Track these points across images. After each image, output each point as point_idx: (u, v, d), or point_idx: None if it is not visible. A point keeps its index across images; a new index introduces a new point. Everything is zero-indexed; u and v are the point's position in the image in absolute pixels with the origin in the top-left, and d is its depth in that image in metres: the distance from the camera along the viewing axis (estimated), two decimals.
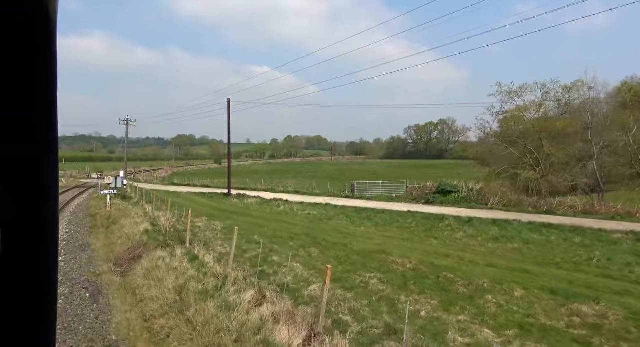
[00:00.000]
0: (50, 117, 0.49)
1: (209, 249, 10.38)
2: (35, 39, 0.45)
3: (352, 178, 40.61)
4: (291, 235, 12.91)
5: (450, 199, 19.60)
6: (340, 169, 60.69)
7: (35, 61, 0.46)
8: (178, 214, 15.75)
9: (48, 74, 0.48)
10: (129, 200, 21.83)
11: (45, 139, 0.49)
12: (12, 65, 0.44)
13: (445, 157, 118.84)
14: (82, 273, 9.26)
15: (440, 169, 61.56)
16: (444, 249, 11.15)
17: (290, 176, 45.01)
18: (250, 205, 19.98)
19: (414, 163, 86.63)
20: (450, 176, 42.92)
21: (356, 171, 52.65)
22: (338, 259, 9.99)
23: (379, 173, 47.62)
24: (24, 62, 0.45)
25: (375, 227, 14.44)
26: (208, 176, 41.87)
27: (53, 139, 0.50)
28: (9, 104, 0.45)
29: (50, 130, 0.49)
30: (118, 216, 16.48)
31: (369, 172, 50.92)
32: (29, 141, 0.47)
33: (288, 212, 17.69)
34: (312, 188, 24.90)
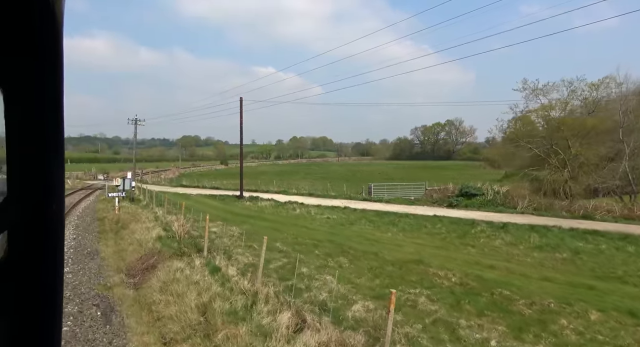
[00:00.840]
0: (56, 118, 0.49)
1: (230, 258, 9.46)
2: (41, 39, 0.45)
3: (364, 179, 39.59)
4: (314, 242, 11.96)
5: (475, 202, 18.50)
6: (349, 170, 59.65)
7: (42, 62, 0.46)
8: (191, 218, 14.90)
9: (54, 74, 0.48)
10: (137, 202, 21.07)
11: (52, 140, 0.48)
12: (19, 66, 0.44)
13: (452, 158, 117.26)
14: (91, 286, 8.40)
15: (451, 170, 60.22)
16: (486, 259, 10.11)
17: (300, 177, 44.10)
18: (265, 208, 19.07)
19: (422, 164, 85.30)
20: (464, 178, 41.66)
21: (366, 172, 51.57)
22: (372, 271, 9.01)
23: (390, 174, 46.51)
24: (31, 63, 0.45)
25: (402, 233, 13.42)
26: (216, 177, 41.15)
27: (59, 139, 0.49)
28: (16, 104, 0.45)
29: (56, 131, 0.49)
30: (127, 220, 15.67)
31: (380, 173, 49.81)
32: (36, 142, 0.46)
33: (306, 216, 16.74)
34: (327, 190, 23.93)
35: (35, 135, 0.47)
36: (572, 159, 22.42)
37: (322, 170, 57.78)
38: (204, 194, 24.55)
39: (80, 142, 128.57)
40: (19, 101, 0.46)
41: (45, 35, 0.46)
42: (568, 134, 22.60)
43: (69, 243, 12.37)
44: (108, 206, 19.99)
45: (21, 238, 0.47)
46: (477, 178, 38.17)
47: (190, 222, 14.05)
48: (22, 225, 0.47)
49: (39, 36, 0.45)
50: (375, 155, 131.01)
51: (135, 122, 23.51)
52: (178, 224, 13.38)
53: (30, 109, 0.47)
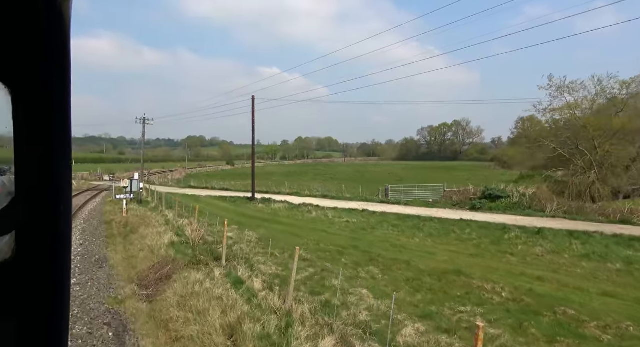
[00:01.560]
0: (63, 119, 0.48)
1: (252, 268, 8.64)
2: (49, 40, 0.45)
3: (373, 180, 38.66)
4: (338, 248, 11.10)
5: (500, 205, 17.50)
6: (357, 170, 58.70)
7: (49, 63, 0.46)
8: (204, 222, 14.14)
9: (62, 75, 0.47)
10: (145, 205, 20.38)
11: (59, 141, 0.48)
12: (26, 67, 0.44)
13: (459, 158, 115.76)
14: (101, 300, 7.62)
15: (460, 170, 58.98)
16: (531, 270, 9.16)
17: (309, 177, 43.28)
18: (279, 211, 18.25)
19: (430, 165, 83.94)
20: (477, 179, 40.48)
21: (375, 173, 50.58)
22: (409, 283, 8.12)
23: (400, 175, 45.49)
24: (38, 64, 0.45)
25: (430, 238, 12.51)
26: (223, 178, 40.52)
27: (66, 140, 0.49)
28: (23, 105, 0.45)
29: (63, 132, 0.48)
30: (136, 224, 14.94)
31: (390, 174, 48.81)
32: (43, 143, 0.46)
33: (323, 220, 15.88)
34: (342, 192, 23.05)
35: (43, 136, 0.47)
36: (600, 159, 21.29)
37: (330, 171, 56.90)
38: (213, 196, 23.80)
39: (85, 142, 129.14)
40: (27, 102, 0.46)
41: (52, 36, 0.46)
42: (595, 133, 21.48)
43: (76, 249, 11.64)
44: (115, 208, 19.32)
45: (29, 238, 0.48)
46: (490, 179, 37.06)
47: (204, 227, 13.28)
48: (30, 225, 0.48)
49: (46, 37, 0.45)
50: (381, 156, 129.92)
51: (144, 121, 22.87)
52: (191, 228, 12.61)
53: (38, 109, 0.46)
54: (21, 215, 0.47)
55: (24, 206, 0.47)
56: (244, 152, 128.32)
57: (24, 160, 0.46)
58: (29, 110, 0.46)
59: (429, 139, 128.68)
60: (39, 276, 0.49)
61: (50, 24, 0.45)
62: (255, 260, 9.64)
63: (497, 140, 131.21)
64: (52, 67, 0.47)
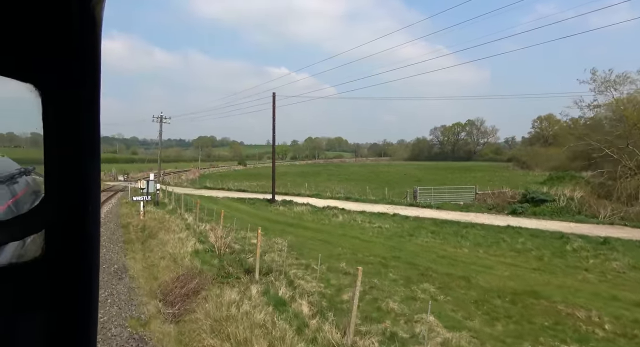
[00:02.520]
0: (93, 120, 0.48)
1: (292, 285, 7.50)
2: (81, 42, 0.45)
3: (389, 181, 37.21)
4: (379, 259, 9.87)
5: (546, 210, 15.92)
6: (371, 171, 57.21)
7: (80, 64, 0.46)
8: (227, 227, 13.14)
9: (92, 76, 0.47)
10: (162, 207, 19.59)
11: (88, 142, 0.48)
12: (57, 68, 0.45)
13: (473, 158, 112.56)
14: (123, 322, 6.61)
15: (478, 171, 56.71)
16: (622, 292, 7.71)
17: (323, 178, 42.11)
18: (302, 214, 17.13)
19: (443, 165, 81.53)
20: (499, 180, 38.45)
21: (390, 174, 49.01)
22: (479, 307, 6.84)
23: (418, 176, 43.83)
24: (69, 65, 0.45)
25: (479, 248, 11.14)
26: (237, 178, 39.77)
27: (96, 141, 0.49)
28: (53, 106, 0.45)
29: (93, 133, 0.48)
30: (155, 228, 14.06)
31: (406, 175, 47.17)
32: (73, 144, 0.47)
33: (353, 225, 14.67)
34: (366, 194, 21.78)
35: (73, 137, 0.47)
36: None
37: (344, 172, 55.59)
38: (231, 197, 22.88)
39: None
40: (57, 103, 0.46)
41: (84, 38, 0.46)
42: None
43: None
44: (132, 211, 18.58)
45: (58, 237, 0.48)
46: (513, 180, 35.07)
47: (227, 232, 12.26)
48: (59, 225, 0.48)
49: (78, 39, 0.45)
50: (393, 156, 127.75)
51: (161, 119, 22.12)
52: (215, 234, 11.61)
53: (68, 111, 0.46)
54: (50, 214, 0.48)
55: (54, 206, 0.48)
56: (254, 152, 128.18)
57: (54, 160, 0.47)
58: (59, 111, 0.46)
59: (441, 138, 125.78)
60: (68, 274, 0.49)
61: (82, 25, 0.45)
62: (292, 274, 8.50)
63: (511, 140, 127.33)
64: (83, 69, 0.47)
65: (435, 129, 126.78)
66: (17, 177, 1.24)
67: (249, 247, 11.01)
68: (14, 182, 1.19)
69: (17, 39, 0.44)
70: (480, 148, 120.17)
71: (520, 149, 77.54)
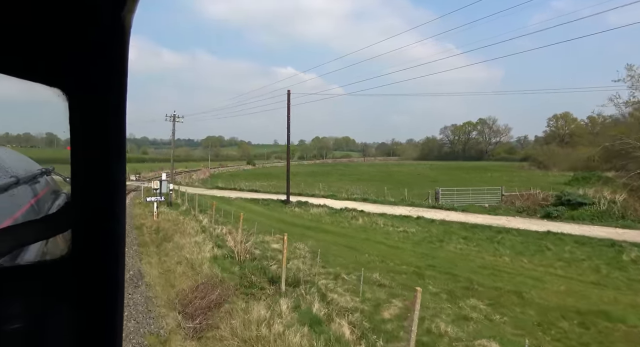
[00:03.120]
0: (119, 123, 0.49)
1: (324, 299, 6.75)
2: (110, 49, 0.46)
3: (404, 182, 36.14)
4: (414, 269, 9.04)
5: (585, 214, 14.78)
6: (381, 171, 56.12)
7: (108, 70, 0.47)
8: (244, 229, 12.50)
9: (120, 81, 0.48)
10: (176, 207, 19.12)
11: (115, 145, 0.49)
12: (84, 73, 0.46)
13: (485, 158, 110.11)
14: (141, 339, 5.97)
15: (493, 171, 55.02)
16: None
17: (334, 178, 41.29)
18: (320, 216, 16.38)
19: (455, 165, 79.78)
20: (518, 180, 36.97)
21: (403, 174, 47.85)
22: (545, 330, 5.97)
23: (431, 176, 42.62)
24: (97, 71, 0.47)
25: (522, 257, 10.19)
26: (247, 178, 39.28)
27: (122, 144, 0.50)
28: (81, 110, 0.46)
29: (119, 136, 0.49)
30: (169, 230, 13.52)
31: (420, 174, 45.99)
32: (100, 146, 0.48)
33: (375, 229, 13.85)
34: (384, 195, 20.88)
35: (99, 140, 0.48)
36: None
37: (355, 171, 54.66)
38: (244, 198, 22.28)
39: None
40: (84, 107, 0.47)
41: (113, 45, 0.47)
42: None
43: None
44: (145, 211, 18.14)
45: (84, 237, 0.50)
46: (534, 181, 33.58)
47: (246, 236, 11.60)
48: (85, 225, 0.49)
49: (107, 46, 0.46)
50: (401, 156, 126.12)
51: (174, 118, 21.68)
52: (234, 239, 10.95)
53: (95, 115, 0.47)
54: (76, 215, 0.49)
55: (79, 207, 0.49)
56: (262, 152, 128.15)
57: (80, 163, 0.48)
58: (86, 115, 0.47)
59: (452, 138, 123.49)
60: (94, 272, 0.50)
61: (112, 34, 0.46)
62: (321, 284, 7.75)
63: (523, 139, 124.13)
64: (110, 75, 0.47)
65: (445, 128, 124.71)
66: (38, 177, 1.28)
67: (270, 253, 10.33)
68: (35, 181, 1.23)
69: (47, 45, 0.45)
70: (492, 147, 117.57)
71: (536, 149, 75.07)
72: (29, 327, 0.50)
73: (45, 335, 0.51)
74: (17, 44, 0.44)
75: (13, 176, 1.03)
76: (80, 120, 0.47)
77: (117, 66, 0.48)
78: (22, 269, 0.54)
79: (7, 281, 0.50)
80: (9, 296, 0.49)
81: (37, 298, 0.50)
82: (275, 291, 7.36)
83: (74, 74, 0.46)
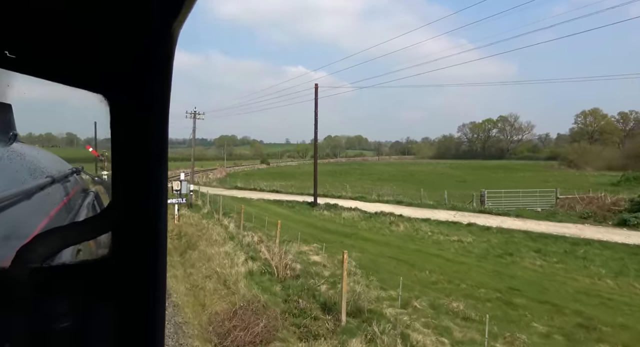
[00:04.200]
0: (162, 129, 0.50)
1: (405, 340, 5.14)
2: (156, 58, 0.47)
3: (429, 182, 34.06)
4: (495, 293, 7.35)
5: None
6: (401, 170, 53.93)
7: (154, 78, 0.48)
8: (267, 233, 11.08)
9: (163, 88, 0.49)
10: (197, 210, 17.94)
11: (157, 150, 0.50)
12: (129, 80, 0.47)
13: (506, 157, 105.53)
14: None
15: (523, 171, 51.92)
16: None
17: (354, 178, 39.61)
18: (354, 221, 14.77)
19: (477, 164, 76.41)
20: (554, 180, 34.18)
21: (427, 174, 45.57)
22: None
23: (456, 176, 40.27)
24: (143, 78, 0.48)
25: (626, 278, 8.28)
26: (264, 178, 38.09)
27: (164, 149, 0.51)
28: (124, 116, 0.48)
29: (161, 142, 0.50)
30: (193, 236, 12.23)
31: (443, 174, 43.69)
32: (142, 151, 0.49)
33: (423, 238, 12.16)
34: (420, 197, 19.02)
35: (141, 144, 0.49)
36: None
37: (373, 171, 52.72)
38: (266, 199, 20.90)
39: None
40: (126, 116, 0.48)
41: (161, 56, 0.47)
42: None
43: None
44: None
45: (126, 238, 0.50)
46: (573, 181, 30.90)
47: (279, 244, 10.15)
48: (127, 226, 0.50)
49: (156, 56, 0.47)
50: (417, 154, 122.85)
51: (194, 116, 20.54)
52: (268, 250, 9.49)
53: (138, 120, 0.48)
54: (118, 217, 0.50)
55: (121, 209, 0.50)
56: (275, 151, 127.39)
57: (122, 166, 0.49)
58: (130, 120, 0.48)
59: (470, 136, 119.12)
60: (136, 272, 0.51)
61: (161, 45, 0.46)
62: (389, 314, 6.14)
63: (545, 137, 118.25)
64: (155, 83, 0.48)
65: (463, 125, 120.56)
66: (69, 176, 1.41)
67: (313, 268, 8.82)
68: (66, 180, 1.34)
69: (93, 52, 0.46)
70: (513, 146, 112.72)
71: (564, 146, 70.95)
72: (75, 325, 0.51)
73: (89, 333, 0.52)
74: (64, 50, 0.45)
75: (49, 175, 1.10)
76: (122, 126, 0.47)
77: (163, 75, 0.48)
78: (67, 269, 0.56)
79: (53, 280, 0.52)
80: (55, 295, 0.51)
81: (81, 297, 0.52)
82: (334, 325, 5.84)
83: (117, 81, 0.47)
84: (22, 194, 0.84)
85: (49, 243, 0.50)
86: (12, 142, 1.10)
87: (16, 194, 0.80)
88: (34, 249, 0.49)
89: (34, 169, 1.08)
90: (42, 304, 0.50)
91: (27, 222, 0.51)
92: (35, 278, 0.49)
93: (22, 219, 0.77)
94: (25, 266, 0.48)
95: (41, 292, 0.50)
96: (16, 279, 0.48)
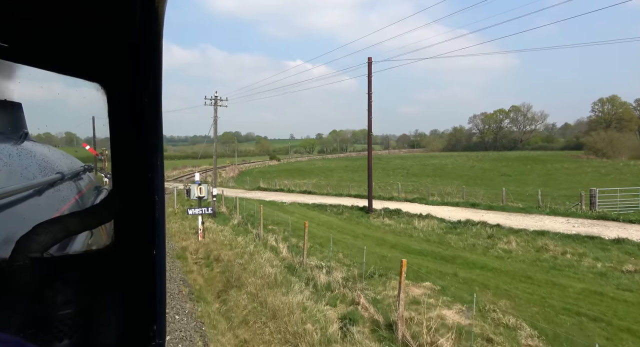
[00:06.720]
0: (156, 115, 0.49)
1: None
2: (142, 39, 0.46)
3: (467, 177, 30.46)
4: None
5: None
6: (424, 164, 50.15)
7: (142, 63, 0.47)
8: (334, 258, 7.54)
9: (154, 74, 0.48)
10: (222, 219, 14.35)
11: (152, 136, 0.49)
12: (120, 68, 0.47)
13: (518, 148, 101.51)
14: None
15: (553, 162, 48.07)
16: None
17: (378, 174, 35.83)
18: (437, 235, 11.10)
19: (495, 155, 72.42)
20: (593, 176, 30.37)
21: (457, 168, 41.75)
22: None
23: (496, 170, 36.50)
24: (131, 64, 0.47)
25: None
26: (280, 175, 34.40)
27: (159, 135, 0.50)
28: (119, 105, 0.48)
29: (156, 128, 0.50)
30: (231, 264, 8.62)
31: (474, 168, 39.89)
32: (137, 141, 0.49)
33: (569, 264, 8.52)
34: (494, 198, 15.30)
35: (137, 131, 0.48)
36: None
37: (394, 165, 48.94)
38: (301, 203, 17.25)
39: None
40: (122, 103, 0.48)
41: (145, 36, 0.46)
42: None
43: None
44: (184, 225, 13.49)
45: (126, 226, 0.52)
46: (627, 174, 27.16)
47: (346, 270, 6.54)
48: (127, 215, 0.51)
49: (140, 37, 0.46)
50: (427, 147, 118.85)
51: (215, 101, 16.80)
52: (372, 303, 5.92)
53: (132, 108, 0.48)
54: (118, 206, 0.51)
55: (122, 198, 0.51)
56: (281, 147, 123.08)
57: (120, 155, 0.49)
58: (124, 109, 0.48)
59: (482, 127, 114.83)
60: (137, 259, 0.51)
61: (144, 23, 0.45)
62: None
63: (552, 126, 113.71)
64: (144, 67, 0.47)
65: (474, 116, 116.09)
66: (81, 174, 1.38)
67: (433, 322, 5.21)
68: (79, 178, 1.31)
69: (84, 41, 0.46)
70: (527, 136, 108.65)
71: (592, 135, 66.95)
72: (77, 312, 0.52)
73: (92, 320, 0.53)
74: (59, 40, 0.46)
75: (59, 172, 1.09)
76: (119, 114, 0.48)
77: (151, 62, 0.47)
78: (70, 259, 0.57)
79: (57, 270, 0.52)
80: (59, 284, 0.52)
81: (84, 285, 0.53)
82: None
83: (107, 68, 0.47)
84: (32, 191, 0.83)
85: (50, 232, 0.50)
86: (23, 141, 1.08)
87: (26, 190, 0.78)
88: (34, 238, 0.49)
89: (45, 167, 1.07)
90: (44, 292, 0.51)
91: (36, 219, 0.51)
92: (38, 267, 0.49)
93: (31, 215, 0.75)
94: (27, 255, 0.48)
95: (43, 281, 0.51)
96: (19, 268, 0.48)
